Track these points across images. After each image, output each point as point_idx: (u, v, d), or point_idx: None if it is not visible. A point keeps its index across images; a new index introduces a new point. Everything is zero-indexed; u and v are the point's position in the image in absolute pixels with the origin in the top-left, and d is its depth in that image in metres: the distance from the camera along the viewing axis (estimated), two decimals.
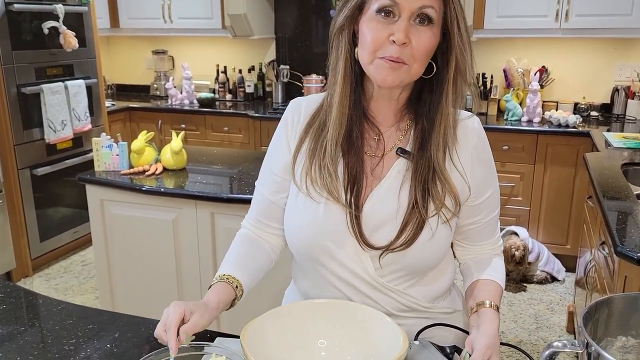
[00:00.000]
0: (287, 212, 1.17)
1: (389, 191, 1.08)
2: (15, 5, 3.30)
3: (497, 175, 1.16)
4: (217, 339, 1.17)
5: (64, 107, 3.61)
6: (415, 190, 1.06)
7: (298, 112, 1.17)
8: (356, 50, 1.06)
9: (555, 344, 0.74)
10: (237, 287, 1.12)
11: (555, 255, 3.51)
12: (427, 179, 1.06)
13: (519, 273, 3.42)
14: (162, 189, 2.36)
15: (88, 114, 3.81)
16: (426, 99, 1.08)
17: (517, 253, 3.25)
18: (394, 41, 0.98)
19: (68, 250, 3.92)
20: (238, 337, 0.99)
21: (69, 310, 1.33)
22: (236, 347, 0.98)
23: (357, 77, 1.09)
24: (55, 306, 1.36)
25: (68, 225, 3.84)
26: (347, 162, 1.10)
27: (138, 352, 1.05)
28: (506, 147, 3.50)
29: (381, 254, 1.07)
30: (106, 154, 2.50)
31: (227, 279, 1.12)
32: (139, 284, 2.54)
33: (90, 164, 2.59)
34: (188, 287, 2.45)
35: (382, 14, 1.00)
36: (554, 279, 3.48)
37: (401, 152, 1.09)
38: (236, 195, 2.25)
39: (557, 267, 3.47)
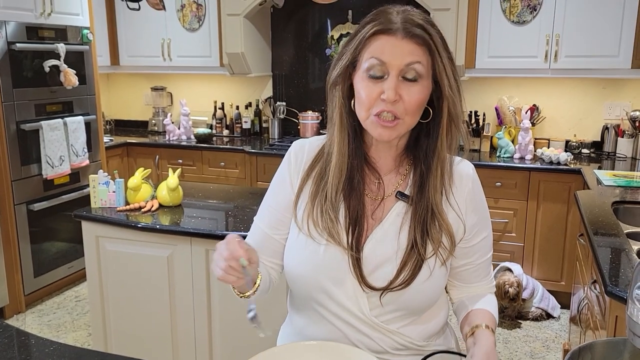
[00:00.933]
0: (288, 249, 1.19)
1: (389, 233, 1.12)
2: (18, 44, 3.37)
3: (490, 220, 1.20)
4: None
5: (62, 143, 3.64)
6: (414, 231, 1.10)
7: (302, 153, 1.20)
8: (353, 101, 1.10)
9: None
10: (258, 274, 1.12)
11: (550, 291, 3.51)
12: (425, 221, 1.10)
13: (514, 310, 3.41)
14: (157, 226, 2.38)
15: (86, 150, 3.84)
16: (423, 144, 1.12)
17: (511, 290, 3.25)
18: (384, 99, 1.03)
19: (62, 286, 3.90)
20: None
21: (61, 351, 1.33)
22: None
23: (356, 126, 1.12)
24: (47, 347, 1.36)
25: (63, 260, 3.83)
26: (349, 205, 1.13)
27: None
28: (499, 183, 3.54)
29: (382, 294, 1.09)
30: (103, 190, 2.53)
31: None
32: (133, 321, 2.53)
33: (86, 199, 2.61)
34: (182, 324, 2.44)
35: (372, 76, 1.04)
36: (549, 316, 3.47)
37: (400, 195, 1.13)
38: (231, 232, 2.27)
39: (552, 304, 3.47)
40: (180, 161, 4.39)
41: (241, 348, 1.17)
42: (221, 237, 2.31)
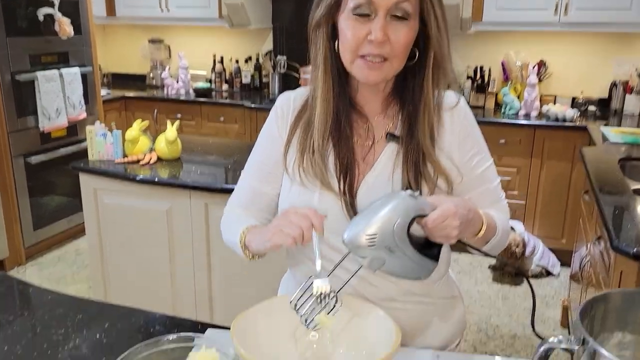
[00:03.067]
0: (282, 203, 1.16)
1: (382, 176, 1.09)
2: None
3: (488, 150, 1.15)
4: (208, 330, 1.16)
5: (58, 95, 3.57)
6: (407, 174, 1.07)
7: (287, 104, 1.17)
8: (337, 43, 1.06)
9: (550, 340, 0.73)
10: None
11: (551, 249, 3.51)
12: (417, 162, 1.07)
13: (515, 266, 3.41)
14: (156, 179, 2.34)
15: (83, 103, 3.77)
16: (410, 84, 1.09)
17: (517, 249, 3.24)
18: (372, 40, 0.99)
19: (62, 239, 3.89)
20: (229, 329, 0.98)
21: (59, 300, 1.31)
22: (227, 340, 0.96)
23: (340, 70, 1.09)
24: (45, 296, 1.34)
25: (62, 214, 3.82)
26: (338, 152, 1.10)
27: (128, 342, 1.03)
28: (503, 140, 3.49)
29: None
30: (100, 142, 2.48)
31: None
32: (132, 274, 2.52)
33: (84, 153, 2.56)
34: (181, 277, 2.44)
35: (358, 13, 1.00)
36: (549, 273, 3.48)
37: (390, 137, 1.10)
38: (231, 186, 2.22)
39: (552, 262, 3.47)
40: (179, 116, 4.32)
41: (241, 299, 1.14)
42: (221, 191, 2.29)
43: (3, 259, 3.45)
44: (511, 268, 3.42)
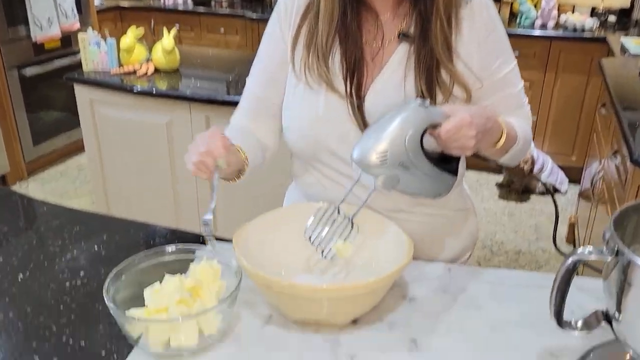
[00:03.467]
0: (286, 107, 1.08)
1: (393, 81, 1.00)
2: None
3: (512, 51, 1.04)
4: None
5: (49, 2, 3.38)
6: (420, 80, 0.98)
7: (291, 2, 1.06)
8: None
9: (580, 251, 0.67)
10: (245, 159, 1.03)
11: (560, 166, 3.44)
12: (431, 68, 0.97)
13: (522, 183, 3.37)
14: (154, 91, 2.24)
15: (75, 11, 3.59)
16: None
17: (525, 166, 3.17)
18: None
19: (63, 155, 3.84)
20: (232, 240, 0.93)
21: (55, 211, 1.27)
22: (229, 252, 0.92)
23: None
24: (40, 207, 1.29)
25: (61, 129, 3.74)
26: (345, 50, 1.01)
27: (126, 255, 0.99)
28: (517, 53, 3.32)
29: None
30: (94, 51, 2.36)
31: (236, 147, 1.02)
32: (134, 189, 2.48)
33: (80, 65, 2.45)
34: (183, 190, 2.39)
35: None
36: (556, 191, 3.44)
37: (403, 36, 1.00)
38: (232, 98, 2.14)
39: (560, 178, 3.42)
40: (178, 26, 4.13)
41: (246, 212, 1.09)
42: (222, 103, 2.20)
43: (4, 174, 3.41)
44: (518, 185, 3.38)
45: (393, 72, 1.00)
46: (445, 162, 0.94)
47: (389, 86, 1.00)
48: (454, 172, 0.95)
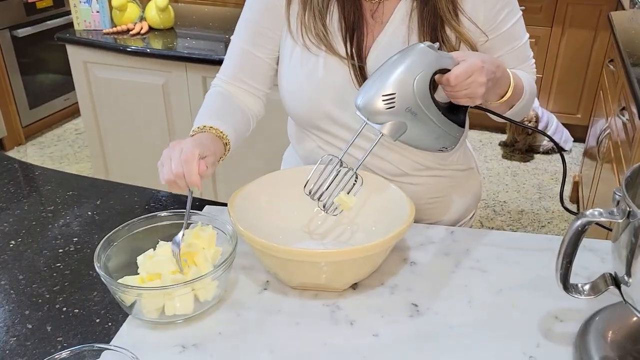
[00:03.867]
0: (282, 73, 1.03)
1: (396, 39, 0.95)
2: None
3: (517, 2, 0.99)
4: (206, 207, 1.08)
5: None
6: (424, 39, 0.93)
7: None
8: None
9: (589, 212, 0.64)
10: (226, 144, 0.98)
11: (564, 125, 3.39)
12: (435, 26, 0.92)
13: (525, 142, 3.32)
14: (148, 50, 2.17)
15: None
16: None
17: (530, 124, 3.12)
18: None
19: (61, 118, 3.79)
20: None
21: (47, 175, 1.23)
22: (226, 216, 0.89)
23: None
24: (32, 172, 1.26)
25: (58, 93, 3.68)
26: (343, 6, 0.95)
27: (120, 219, 0.97)
28: (523, 7, 3.21)
29: None
30: (85, 10, 2.28)
31: (215, 132, 0.97)
32: (132, 152, 2.44)
33: (73, 25, 2.37)
34: None
35: None
36: (560, 149, 3.39)
37: None
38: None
39: (565, 137, 3.37)
40: None
41: (246, 175, 1.05)
42: (219, 62, 2.14)
43: (2, 138, 3.37)
44: (522, 144, 3.33)
45: (395, 30, 0.95)
46: (452, 114, 0.89)
47: (392, 45, 0.94)
48: (462, 125, 0.91)
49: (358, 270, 0.85)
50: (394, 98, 0.80)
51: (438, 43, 0.86)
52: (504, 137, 3.50)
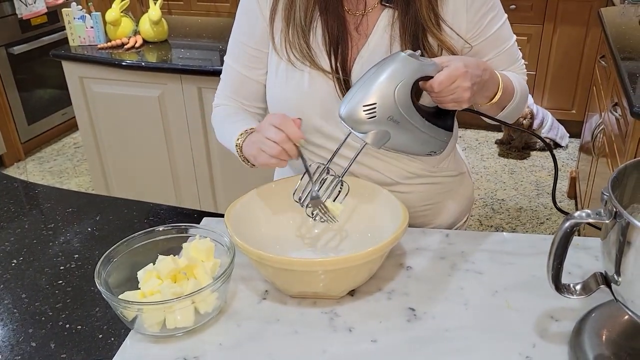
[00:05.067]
0: (270, 88, 1.04)
1: (379, 49, 0.96)
2: None
3: (501, 6, 1.00)
4: (204, 219, 1.10)
5: None
6: (406, 47, 0.94)
7: None
8: None
9: (577, 214, 0.65)
10: None
11: (560, 121, 3.40)
12: (417, 34, 0.93)
13: (522, 140, 3.34)
14: (143, 63, 2.19)
15: None
16: None
17: (524, 122, 3.14)
18: None
19: (59, 133, 3.81)
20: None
21: (46, 193, 1.25)
22: (223, 228, 0.90)
23: None
24: (31, 190, 1.28)
25: (55, 108, 3.70)
26: (327, 21, 0.96)
27: (120, 234, 0.98)
28: (513, 6, 3.24)
29: None
30: (79, 26, 2.30)
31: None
32: (131, 165, 2.46)
33: (68, 40, 2.39)
34: (181, 163, 2.37)
35: None
36: (557, 145, 3.41)
37: (386, 1, 0.95)
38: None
39: (560, 133, 3.38)
40: None
41: (246, 185, 1.06)
42: (213, 73, 2.15)
43: (1, 155, 3.39)
44: (518, 142, 3.34)
45: (379, 40, 0.96)
46: (439, 119, 0.90)
47: (375, 56, 0.95)
48: (449, 129, 0.92)
49: (355, 277, 0.86)
50: (374, 108, 0.82)
51: (419, 51, 0.87)
52: (500, 136, 3.51)
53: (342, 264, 0.82)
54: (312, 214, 0.91)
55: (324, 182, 0.92)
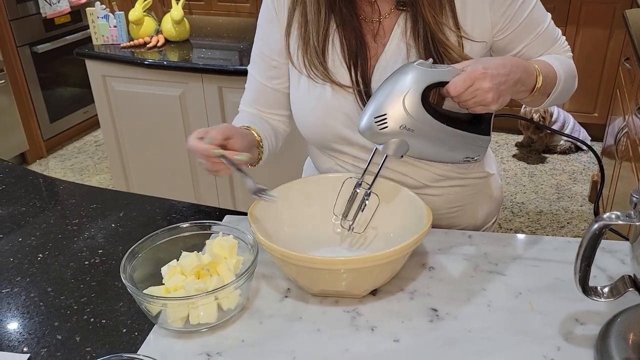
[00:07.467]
0: (293, 100, 1.05)
1: (397, 56, 0.95)
2: None
3: None
4: (226, 217, 1.10)
5: None
6: (422, 54, 0.92)
7: None
8: None
9: (606, 215, 0.64)
10: (260, 145, 1.01)
11: (581, 124, 3.36)
12: (433, 40, 0.91)
13: (542, 143, 3.30)
14: (165, 62, 2.21)
15: None
16: None
17: (535, 116, 3.10)
18: None
19: (80, 131, 3.87)
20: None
21: (70, 189, 1.27)
22: (246, 226, 0.91)
23: None
24: (56, 186, 1.30)
25: (77, 106, 3.76)
26: (344, 34, 0.95)
27: (143, 231, 0.99)
28: None
29: None
30: (103, 25, 2.33)
31: (247, 129, 1.00)
32: (151, 163, 2.49)
33: (91, 40, 2.42)
34: (200, 165, 2.39)
35: None
36: (578, 149, 3.37)
37: (401, 5, 0.94)
38: (245, 67, 2.10)
39: (582, 136, 3.34)
40: None
41: (261, 179, 1.06)
42: (234, 73, 2.16)
43: (24, 152, 3.45)
44: (539, 145, 3.31)
45: (395, 49, 0.95)
46: (471, 124, 0.90)
47: (393, 63, 0.94)
48: (485, 133, 0.91)
49: (377, 276, 0.86)
50: (385, 119, 0.82)
51: (431, 59, 0.86)
52: (520, 138, 3.48)
53: (364, 263, 0.81)
54: (350, 228, 0.95)
55: (355, 196, 0.94)
